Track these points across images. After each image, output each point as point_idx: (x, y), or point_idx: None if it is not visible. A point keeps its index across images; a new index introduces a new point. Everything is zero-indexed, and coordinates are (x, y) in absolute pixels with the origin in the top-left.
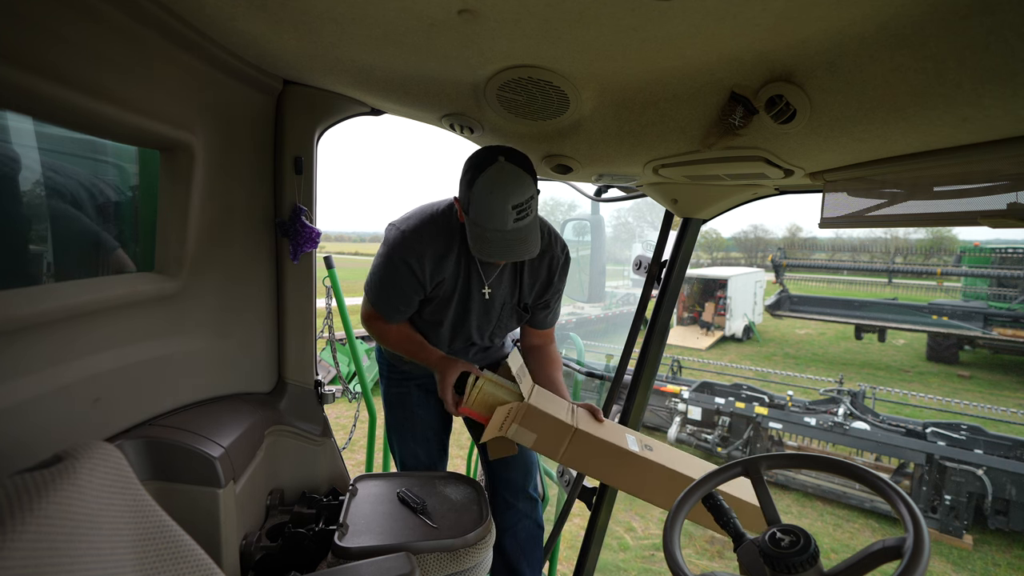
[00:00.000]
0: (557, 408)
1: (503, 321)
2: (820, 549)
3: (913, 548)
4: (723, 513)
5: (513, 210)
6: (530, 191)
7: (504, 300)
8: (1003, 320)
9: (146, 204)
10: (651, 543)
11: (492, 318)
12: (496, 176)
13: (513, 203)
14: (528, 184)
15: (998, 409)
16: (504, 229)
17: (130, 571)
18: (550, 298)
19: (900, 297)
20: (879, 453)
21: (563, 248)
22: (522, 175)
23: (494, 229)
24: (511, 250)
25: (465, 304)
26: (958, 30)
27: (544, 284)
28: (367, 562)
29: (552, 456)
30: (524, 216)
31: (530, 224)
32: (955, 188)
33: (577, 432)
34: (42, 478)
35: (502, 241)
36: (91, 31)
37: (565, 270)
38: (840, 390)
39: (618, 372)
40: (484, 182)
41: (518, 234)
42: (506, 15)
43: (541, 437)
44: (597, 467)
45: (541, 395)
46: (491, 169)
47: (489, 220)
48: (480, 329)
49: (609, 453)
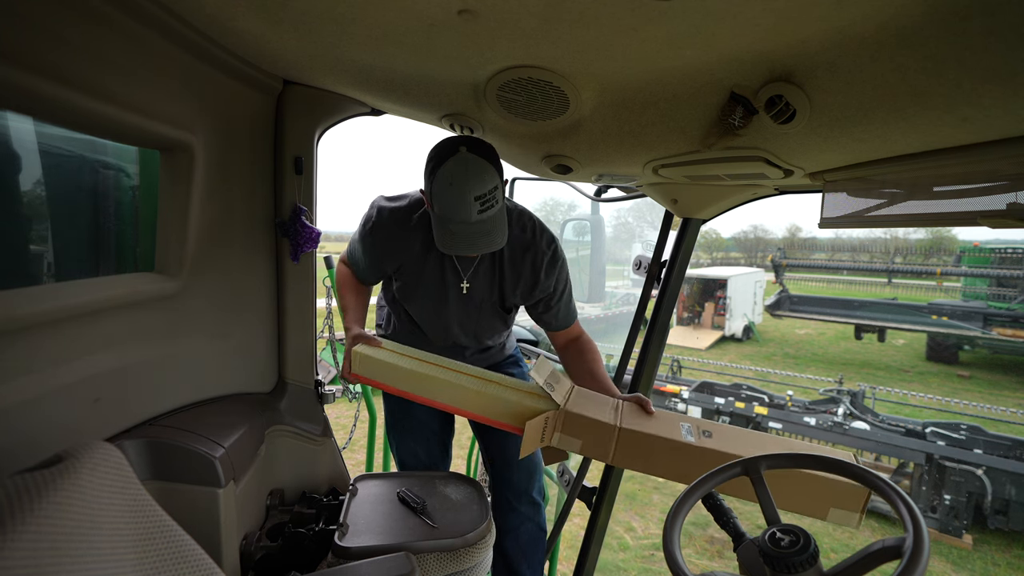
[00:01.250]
0: (598, 408)
1: (486, 320)
2: (820, 549)
3: (913, 548)
4: (723, 513)
5: (476, 201)
6: (493, 181)
7: (483, 297)
8: (1003, 320)
9: (146, 204)
10: (651, 543)
11: (473, 316)
12: (456, 167)
13: (475, 194)
14: (491, 174)
15: (998, 409)
16: (468, 221)
17: (130, 571)
18: (546, 297)
19: (900, 297)
20: (879, 453)
21: (550, 243)
22: (484, 165)
23: (458, 222)
24: (475, 243)
25: (442, 298)
26: (958, 30)
27: (530, 282)
28: (367, 562)
29: (604, 459)
30: (488, 207)
31: (495, 216)
32: (955, 188)
33: (622, 431)
34: (43, 478)
35: (466, 234)
36: (91, 31)
37: (555, 266)
38: (840, 390)
39: (618, 372)
40: (444, 173)
41: (483, 226)
42: (506, 15)
43: (587, 442)
44: (655, 464)
45: (580, 397)
46: (451, 160)
47: (452, 213)
48: (463, 327)
49: (663, 448)
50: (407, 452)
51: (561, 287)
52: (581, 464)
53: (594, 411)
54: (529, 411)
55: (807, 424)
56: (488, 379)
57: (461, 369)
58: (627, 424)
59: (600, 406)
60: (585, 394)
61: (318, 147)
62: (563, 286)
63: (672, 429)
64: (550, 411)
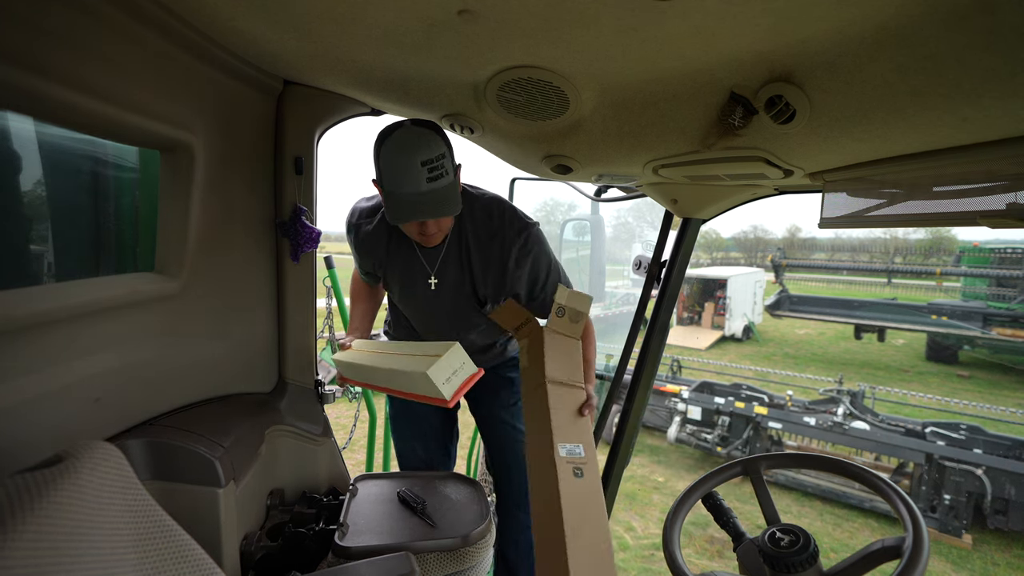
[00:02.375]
0: (559, 361)
1: (463, 314)
2: (820, 548)
3: (912, 547)
4: (723, 513)
5: (423, 167)
6: (440, 148)
7: (456, 290)
8: (1002, 320)
9: (146, 204)
10: (651, 543)
11: (449, 310)
12: (402, 137)
13: (422, 159)
14: (437, 142)
15: (997, 409)
16: (419, 191)
17: (131, 571)
18: (528, 288)
19: (899, 297)
20: (879, 453)
21: (521, 231)
22: (429, 134)
23: (409, 192)
24: (425, 211)
25: (415, 293)
26: (958, 30)
27: (498, 272)
28: (367, 562)
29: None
30: (438, 175)
31: (448, 186)
32: (955, 188)
33: (541, 386)
34: (42, 478)
35: (418, 203)
36: (91, 31)
37: (527, 256)
38: (840, 390)
39: (618, 372)
40: (390, 145)
41: (434, 196)
42: (506, 15)
43: (531, 361)
44: (530, 441)
45: (559, 342)
46: (397, 132)
47: (402, 182)
48: (443, 322)
49: (537, 431)
50: (406, 448)
51: (543, 276)
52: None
53: (554, 357)
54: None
55: (807, 424)
56: (409, 353)
57: (399, 350)
58: (551, 389)
59: (563, 361)
60: (565, 345)
61: (318, 147)
62: (545, 275)
63: (567, 434)
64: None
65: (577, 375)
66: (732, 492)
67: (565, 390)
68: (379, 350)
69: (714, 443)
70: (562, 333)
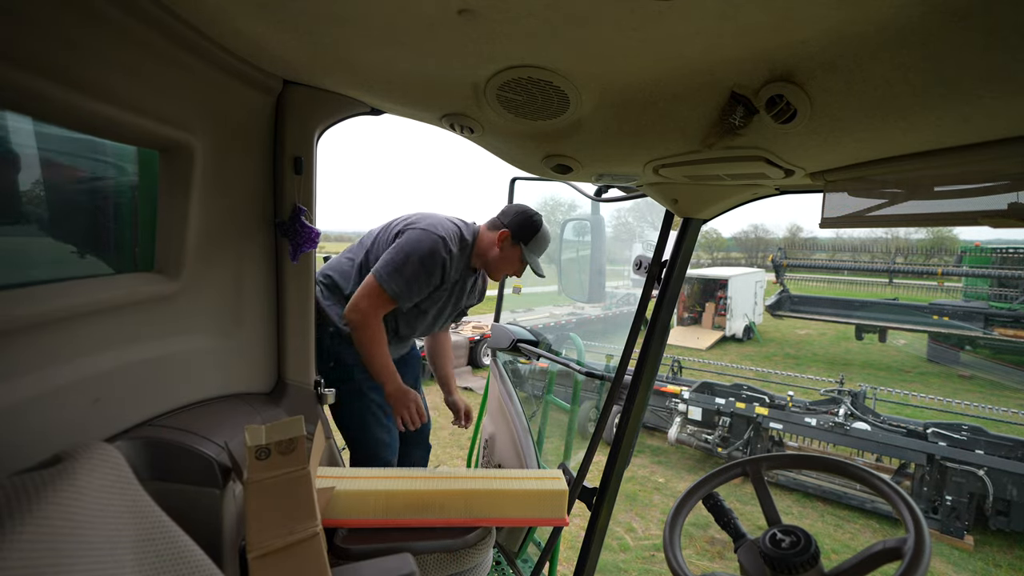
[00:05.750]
0: (269, 518)
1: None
2: (821, 550)
3: (914, 549)
4: (723, 514)
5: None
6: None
7: (451, 310)
8: (1004, 320)
9: (146, 204)
10: (651, 544)
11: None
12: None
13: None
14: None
15: (999, 409)
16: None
17: (130, 572)
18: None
19: (901, 297)
20: (880, 454)
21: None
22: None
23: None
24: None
25: (438, 312)
26: (958, 30)
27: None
28: (367, 562)
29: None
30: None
31: None
32: (956, 188)
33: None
34: (41, 479)
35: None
36: (91, 31)
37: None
38: (841, 390)
39: (618, 372)
40: (544, 228)
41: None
42: (506, 15)
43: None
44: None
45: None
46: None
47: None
48: (426, 331)
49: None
50: (374, 441)
51: (402, 270)
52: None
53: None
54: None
55: (808, 425)
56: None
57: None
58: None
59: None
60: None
61: (318, 147)
62: (401, 268)
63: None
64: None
65: (310, 516)
66: (733, 493)
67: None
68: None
69: (715, 444)
70: (274, 476)
